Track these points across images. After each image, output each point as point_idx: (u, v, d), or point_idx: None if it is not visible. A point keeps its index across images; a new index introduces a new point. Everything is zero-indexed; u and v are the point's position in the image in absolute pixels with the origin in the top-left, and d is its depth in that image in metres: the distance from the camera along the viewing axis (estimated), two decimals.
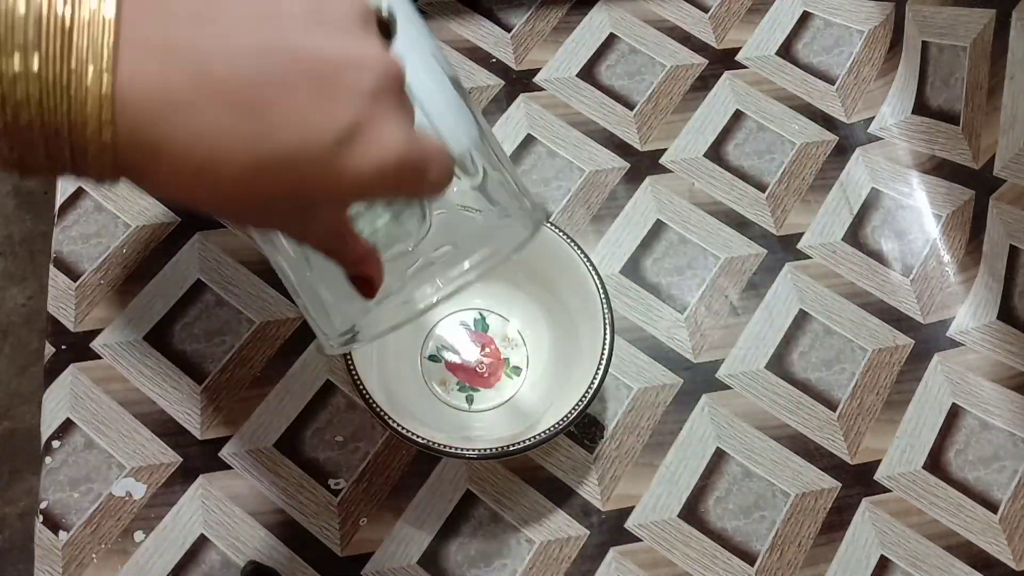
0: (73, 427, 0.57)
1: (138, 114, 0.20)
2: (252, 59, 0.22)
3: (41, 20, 0.19)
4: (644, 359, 0.61)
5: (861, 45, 0.73)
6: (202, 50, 0.21)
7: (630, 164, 0.67)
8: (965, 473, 0.58)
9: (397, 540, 0.55)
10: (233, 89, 0.21)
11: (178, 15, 0.21)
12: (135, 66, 0.20)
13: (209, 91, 0.21)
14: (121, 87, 0.20)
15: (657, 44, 0.73)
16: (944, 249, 0.65)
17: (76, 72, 0.19)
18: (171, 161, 0.22)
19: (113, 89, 0.20)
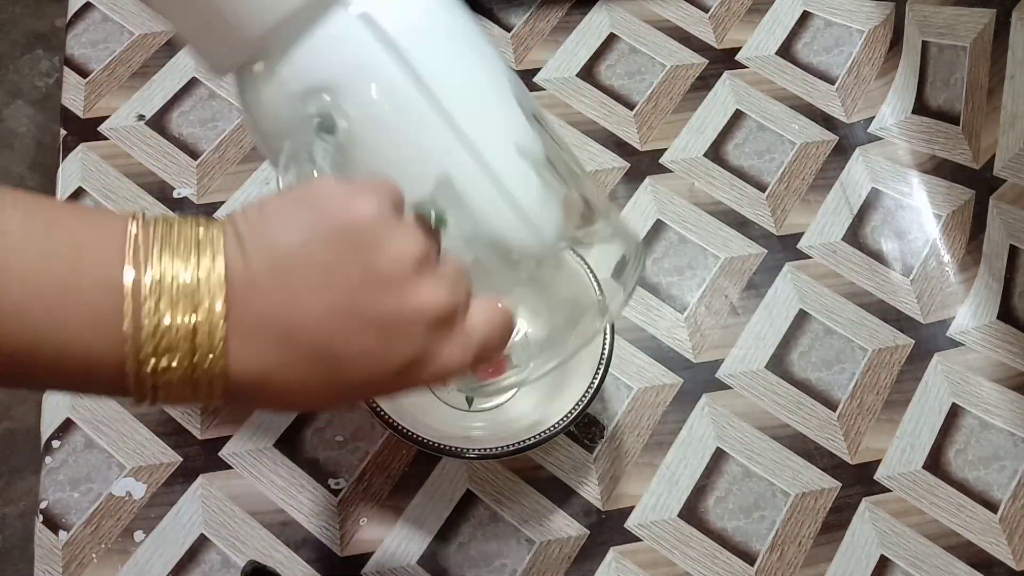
0: (73, 427, 0.57)
1: (243, 378, 0.27)
2: (321, 321, 0.28)
3: (176, 329, 0.26)
4: (644, 359, 0.61)
5: (861, 45, 0.73)
6: (283, 324, 0.27)
7: (630, 164, 0.67)
8: (965, 473, 0.58)
9: (397, 540, 0.55)
10: (309, 347, 0.28)
11: (263, 298, 0.27)
12: (239, 348, 0.27)
13: (292, 352, 0.28)
14: (231, 366, 0.27)
15: (657, 44, 0.73)
16: (944, 249, 0.65)
17: (199, 364, 0.26)
18: (269, 401, 0.29)
19: (226, 369, 0.27)
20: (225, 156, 0.66)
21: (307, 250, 0.28)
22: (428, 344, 0.29)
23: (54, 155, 1.47)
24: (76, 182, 0.64)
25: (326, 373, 0.28)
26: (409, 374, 0.29)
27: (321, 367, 0.28)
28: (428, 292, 0.29)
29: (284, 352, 0.27)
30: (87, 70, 0.69)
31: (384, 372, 0.29)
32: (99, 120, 0.67)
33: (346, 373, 0.28)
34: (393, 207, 0.29)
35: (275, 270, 0.27)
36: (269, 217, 0.28)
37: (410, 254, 0.29)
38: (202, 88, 0.69)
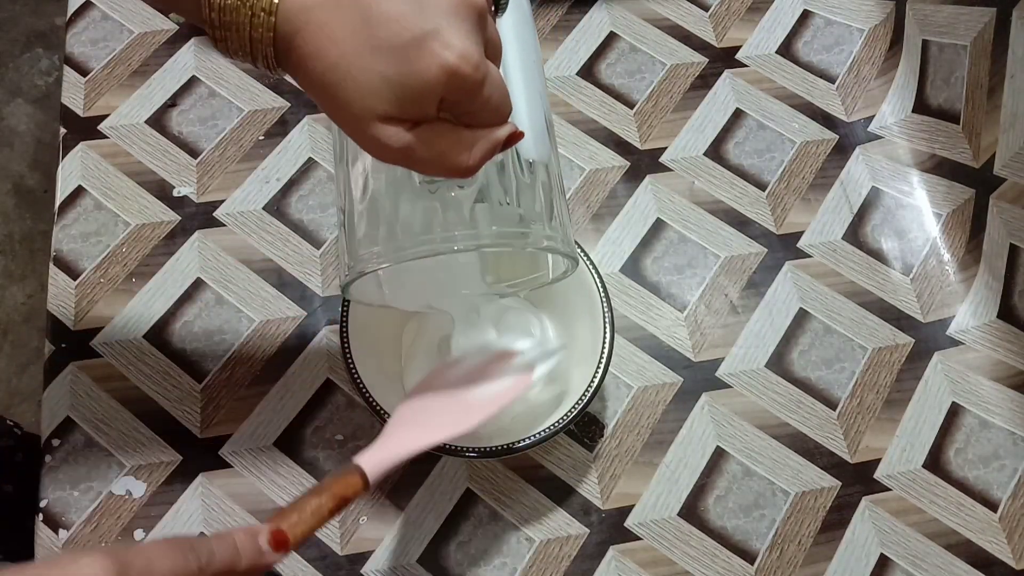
0: (73, 426, 0.57)
1: (289, 13, 0.31)
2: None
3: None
4: (644, 358, 0.61)
5: (861, 44, 0.73)
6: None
7: (630, 163, 0.67)
8: (965, 472, 0.58)
9: (397, 539, 0.55)
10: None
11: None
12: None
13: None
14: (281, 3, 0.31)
15: (657, 43, 0.73)
16: (944, 248, 0.65)
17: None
18: (306, 49, 0.31)
19: (277, 5, 0.31)
20: (225, 154, 0.66)
21: None
22: (446, 23, 0.30)
23: (54, 153, 1.47)
24: (76, 180, 0.64)
25: (360, 23, 0.30)
26: (428, 49, 0.30)
27: (357, 14, 0.30)
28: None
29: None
30: (87, 68, 0.69)
31: (409, 37, 0.30)
32: (99, 119, 0.67)
33: (376, 28, 0.30)
34: None
35: None
36: None
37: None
38: (202, 87, 0.69)
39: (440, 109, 0.32)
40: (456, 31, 0.30)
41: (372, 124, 0.32)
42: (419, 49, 0.30)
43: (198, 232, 0.63)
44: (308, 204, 0.64)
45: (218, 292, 0.61)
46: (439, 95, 0.31)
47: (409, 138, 0.32)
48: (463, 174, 0.34)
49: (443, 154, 0.33)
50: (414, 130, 0.32)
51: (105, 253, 0.62)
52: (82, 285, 0.61)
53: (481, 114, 0.33)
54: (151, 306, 0.61)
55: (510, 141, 0.35)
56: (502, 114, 0.34)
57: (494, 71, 0.32)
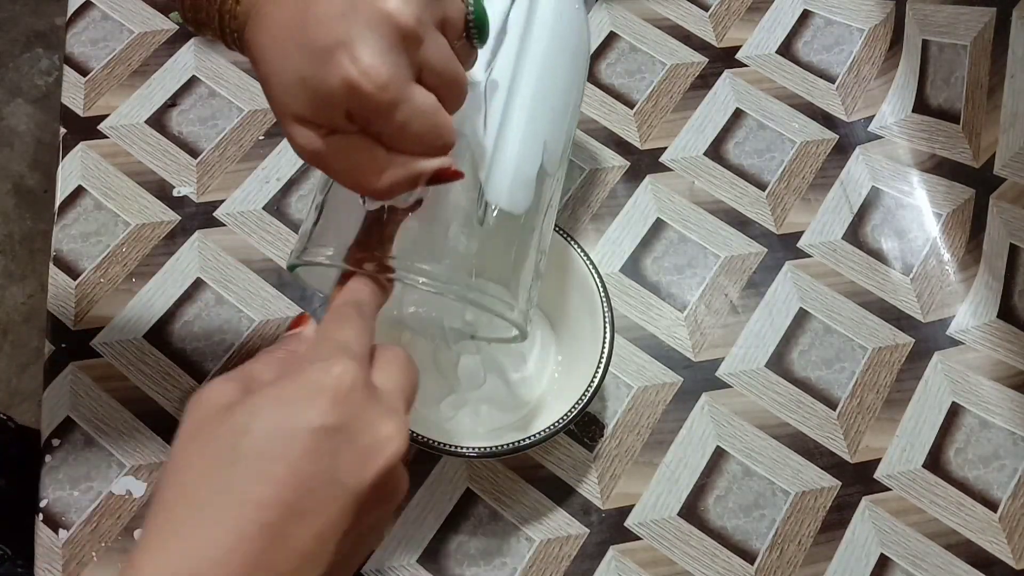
0: (73, 425, 0.57)
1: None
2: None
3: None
4: (644, 358, 0.61)
5: (861, 44, 0.73)
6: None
7: (630, 162, 0.67)
8: (965, 472, 0.58)
9: (397, 538, 0.55)
10: None
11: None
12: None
13: None
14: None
15: (657, 42, 0.73)
16: (944, 248, 0.65)
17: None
18: (254, 28, 0.32)
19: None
20: (225, 154, 0.66)
21: None
22: (367, 37, 0.30)
23: (54, 153, 1.47)
24: (76, 180, 0.64)
25: (296, 20, 0.30)
26: (336, 58, 0.30)
27: (296, 12, 0.30)
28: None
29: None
30: (87, 68, 0.69)
31: (326, 42, 0.30)
32: (99, 119, 0.67)
33: (306, 28, 0.30)
34: None
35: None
36: None
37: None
38: (202, 87, 0.69)
39: (353, 122, 0.31)
40: (368, 46, 0.29)
41: (289, 122, 0.32)
42: (330, 56, 0.29)
43: (198, 232, 0.63)
44: (308, 204, 0.64)
45: (218, 292, 0.61)
46: (342, 107, 0.30)
47: (320, 144, 0.32)
48: (374, 195, 0.33)
49: (354, 169, 0.32)
50: (328, 137, 0.32)
51: (105, 253, 0.62)
52: (82, 285, 0.61)
53: (398, 139, 0.32)
54: (151, 306, 0.61)
55: (440, 177, 0.33)
56: (426, 144, 0.32)
57: (420, 98, 0.31)
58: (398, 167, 0.32)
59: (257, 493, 0.26)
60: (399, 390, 0.32)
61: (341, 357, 0.29)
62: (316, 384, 0.28)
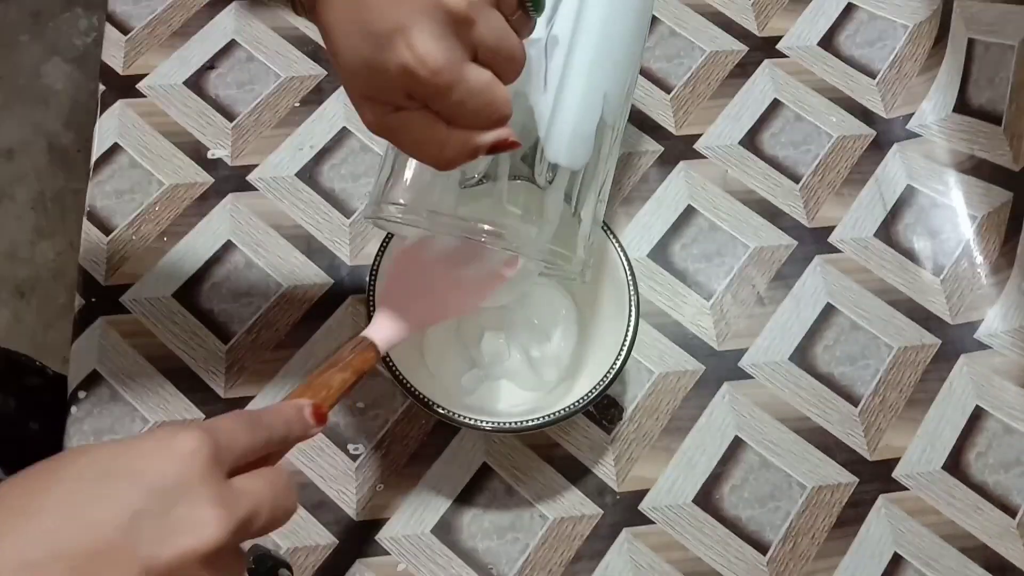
0: (99, 379, 0.58)
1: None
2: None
3: None
4: (667, 344, 0.60)
5: (905, 40, 0.72)
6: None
7: (664, 148, 0.67)
8: (985, 476, 0.58)
9: (412, 508, 0.55)
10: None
11: None
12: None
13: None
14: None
15: (698, 28, 0.72)
16: (977, 250, 0.64)
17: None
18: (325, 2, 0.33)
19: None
20: (260, 120, 0.66)
21: None
22: (421, 22, 0.31)
23: (89, 113, 1.48)
24: (113, 138, 0.65)
25: (357, 2, 0.31)
26: (393, 44, 0.31)
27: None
28: None
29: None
30: (128, 27, 0.69)
31: (383, 27, 0.31)
32: (138, 77, 0.67)
33: (364, 11, 0.31)
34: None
35: None
36: None
37: None
38: (241, 51, 0.69)
39: (414, 101, 0.33)
40: (422, 31, 0.30)
41: (357, 99, 0.34)
42: (388, 42, 0.31)
43: (230, 195, 0.64)
44: (340, 173, 0.65)
45: (248, 256, 0.62)
46: (401, 89, 0.32)
47: (385, 120, 0.34)
48: (436, 167, 0.35)
49: (417, 143, 0.34)
50: (394, 114, 0.33)
51: (138, 211, 0.63)
52: (114, 241, 0.62)
53: (455, 116, 0.33)
54: (181, 266, 0.61)
55: (498, 147, 0.34)
56: (483, 119, 0.33)
57: (475, 77, 0.32)
58: (456, 141, 0.34)
59: (44, 535, 0.26)
60: (251, 498, 0.29)
61: (198, 432, 0.29)
62: (160, 443, 0.28)
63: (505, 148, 0.35)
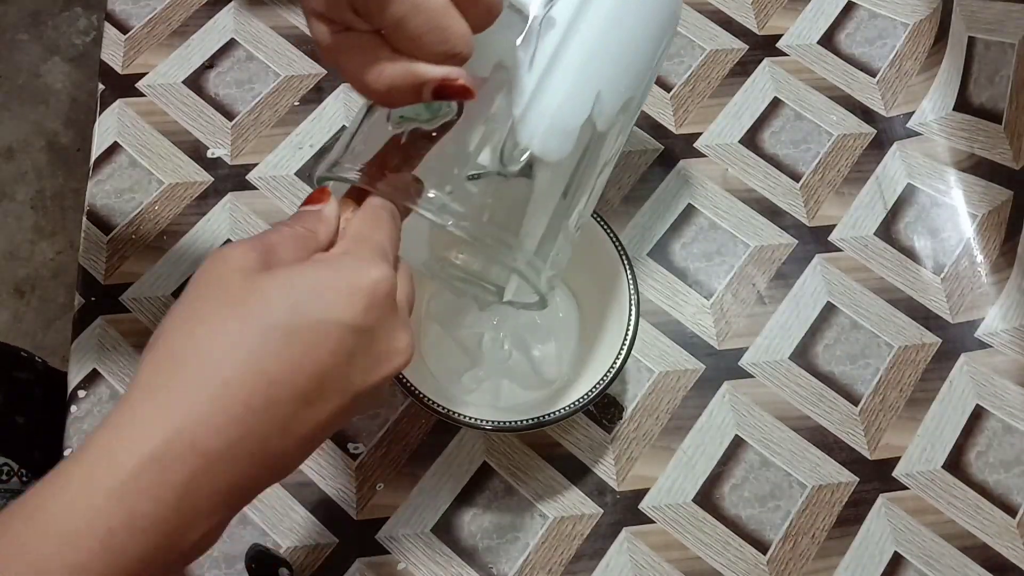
0: (99, 378, 0.57)
1: None
2: None
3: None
4: (667, 343, 0.60)
5: (905, 38, 0.72)
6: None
7: (664, 147, 0.67)
8: (985, 475, 0.58)
9: (412, 507, 0.55)
10: None
11: None
12: None
13: None
14: None
15: (697, 27, 0.72)
16: (978, 249, 0.64)
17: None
18: None
19: None
20: (260, 119, 0.66)
21: None
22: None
23: (89, 112, 1.48)
24: (112, 137, 0.65)
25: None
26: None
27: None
28: None
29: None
30: (127, 26, 0.69)
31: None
32: (137, 76, 0.67)
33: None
34: None
35: None
36: None
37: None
38: (240, 50, 0.69)
39: (363, 20, 0.31)
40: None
41: (309, 17, 0.32)
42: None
43: (230, 194, 0.64)
44: None
45: None
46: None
47: (332, 40, 0.32)
48: (374, 98, 0.33)
49: (359, 67, 0.32)
50: (342, 33, 0.32)
51: (138, 210, 0.63)
52: (114, 240, 0.62)
53: (396, 35, 0.30)
54: (181, 264, 0.61)
55: (445, 89, 0.31)
56: (429, 46, 0.30)
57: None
58: (398, 67, 0.31)
59: (275, 370, 0.27)
60: (408, 305, 0.33)
61: (380, 262, 0.30)
62: (355, 284, 0.29)
63: (454, 92, 0.31)
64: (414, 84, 0.31)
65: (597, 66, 0.39)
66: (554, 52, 0.37)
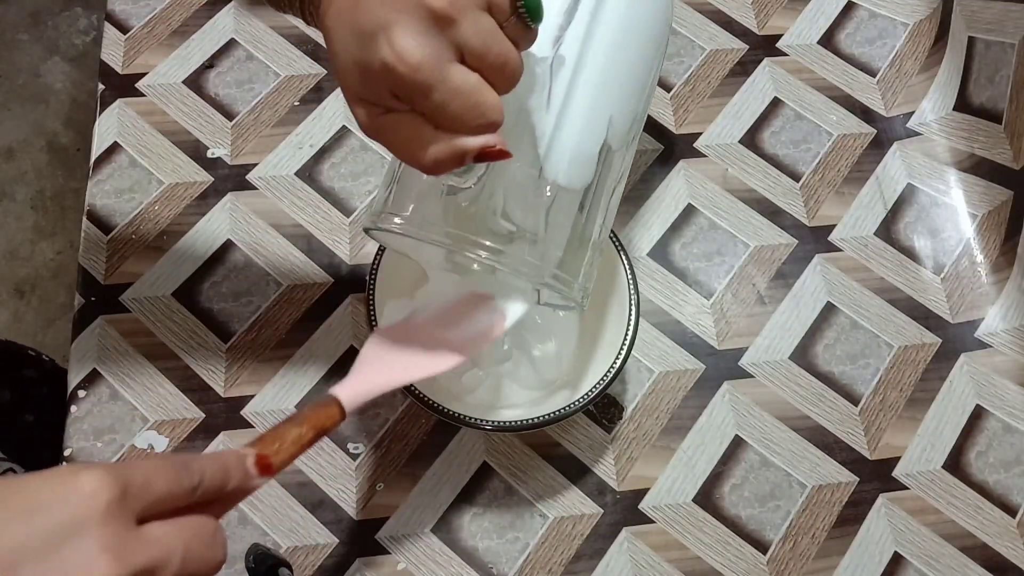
0: (99, 377, 0.57)
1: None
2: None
3: None
4: (667, 343, 0.60)
5: (905, 38, 0.72)
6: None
7: (664, 146, 0.67)
8: (985, 475, 0.58)
9: (412, 507, 0.55)
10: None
11: None
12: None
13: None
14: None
15: (698, 27, 0.72)
16: (978, 249, 0.64)
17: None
18: (326, 8, 0.33)
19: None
20: (260, 119, 0.66)
21: None
22: (403, 20, 0.31)
23: (89, 112, 1.47)
24: (112, 137, 0.65)
25: (352, 4, 0.32)
26: (376, 41, 0.31)
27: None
28: None
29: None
30: (127, 26, 0.69)
31: (370, 26, 0.31)
32: (137, 76, 0.67)
33: (357, 12, 0.32)
34: None
35: None
36: None
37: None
38: (240, 50, 0.69)
39: (401, 102, 0.33)
40: (403, 28, 0.31)
41: (350, 100, 0.34)
42: (372, 40, 0.31)
43: (230, 194, 0.64)
44: (340, 172, 0.65)
45: (247, 255, 0.62)
46: (386, 88, 0.32)
47: (376, 121, 0.34)
48: (423, 170, 0.35)
49: (405, 145, 0.34)
50: (384, 116, 0.34)
51: (138, 210, 0.63)
52: (114, 240, 0.62)
53: (439, 118, 0.33)
54: (181, 265, 0.61)
55: (486, 154, 0.34)
56: (468, 123, 0.33)
57: (459, 78, 0.32)
58: (441, 144, 0.33)
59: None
60: (158, 547, 0.27)
61: (107, 473, 0.27)
62: (60, 478, 0.26)
63: (493, 156, 0.34)
64: (458, 156, 0.34)
65: (607, 93, 0.42)
66: (567, 89, 0.40)
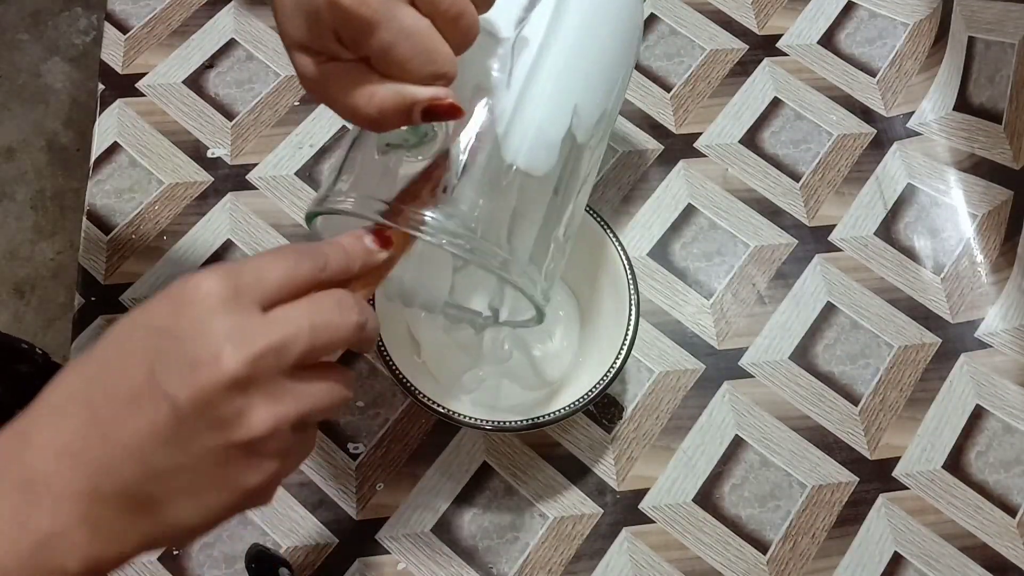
0: None
1: None
2: None
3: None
4: (667, 343, 0.60)
5: (905, 38, 0.72)
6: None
7: (664, 146, 0.67)
8: (985, 475, 0.58)
9: (412, 506, 0.55)
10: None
11: None
12: None
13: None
14: None
15: (697, 26, 0.72)
16: (978, 249, 0.64)
17: None
18: None
19: None
20: (260, 118, 0.66)
21: None
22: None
23: (89, 112, 1.47)
24: (112, 137, 0.65)
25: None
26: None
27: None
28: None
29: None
30: (127, 26, 0.69)
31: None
32: (137, 76, 0.67)
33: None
34: None
35: None
36: None
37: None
38: (240, 50, 0.69)
39: (345, 47, 0.30)
40: None
41: (292, 50, 0.32)
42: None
43: (230, 194, 0.64)
44: None
45: (247, 254, 0.62)
46: (329, 30, 0.30)
47: (317, 71, 0.31)
48: (365, 124, 0.32)
49: (347, 95, 0.31)
50: (327, 63, 0.31)
51: (138, 210, 0.63)
52: (114, 240, 0.62)
53: (385, 62, 0.30)
54: (181, 265, 0.61)
55: (435, 109, 0.31)
56: (416, 69, 0.30)
57: (408, 19, 0.29)
58: (387, 91, 0.31)
59: (91, 371, 0.28)
60: (283, 324, 0.28)
61: (211, 275, 0.28)
62: (168, 292, 0.28)
63: (443, 111, 0.31)
64: (404, 106, 0.31)
65: (572, 80, 0.40)
66: (530, 71, 0.38)
